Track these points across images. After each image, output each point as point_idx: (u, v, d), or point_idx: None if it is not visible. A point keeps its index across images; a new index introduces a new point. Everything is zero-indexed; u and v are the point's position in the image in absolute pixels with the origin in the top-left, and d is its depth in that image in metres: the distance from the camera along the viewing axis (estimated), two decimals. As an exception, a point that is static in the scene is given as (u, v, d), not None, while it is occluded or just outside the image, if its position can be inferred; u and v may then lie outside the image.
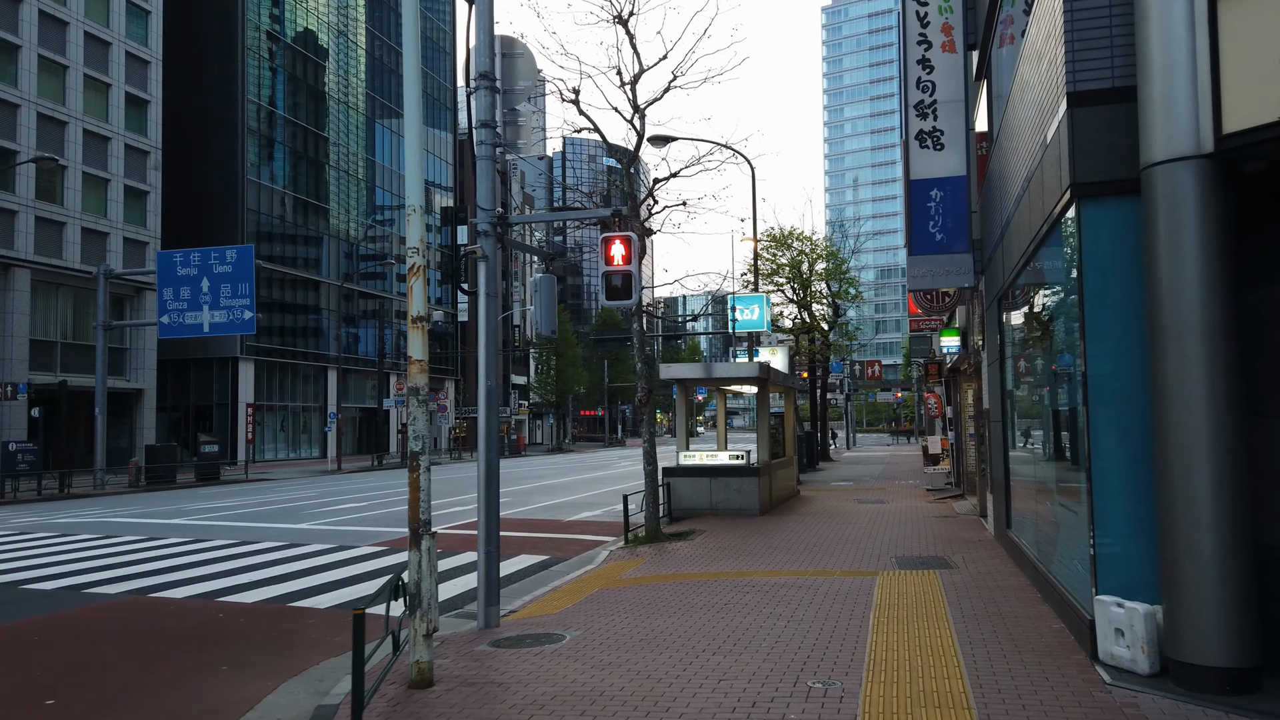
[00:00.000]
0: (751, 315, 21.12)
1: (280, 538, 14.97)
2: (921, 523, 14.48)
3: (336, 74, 54.30)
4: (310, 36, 52.01)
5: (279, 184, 47.34)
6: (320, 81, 53.29)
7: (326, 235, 52.88)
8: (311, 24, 51.96)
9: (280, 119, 47.85)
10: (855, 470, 30.68)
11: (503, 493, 23.95)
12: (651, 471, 13.37)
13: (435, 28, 65.29)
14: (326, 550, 13.49)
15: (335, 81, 54.37)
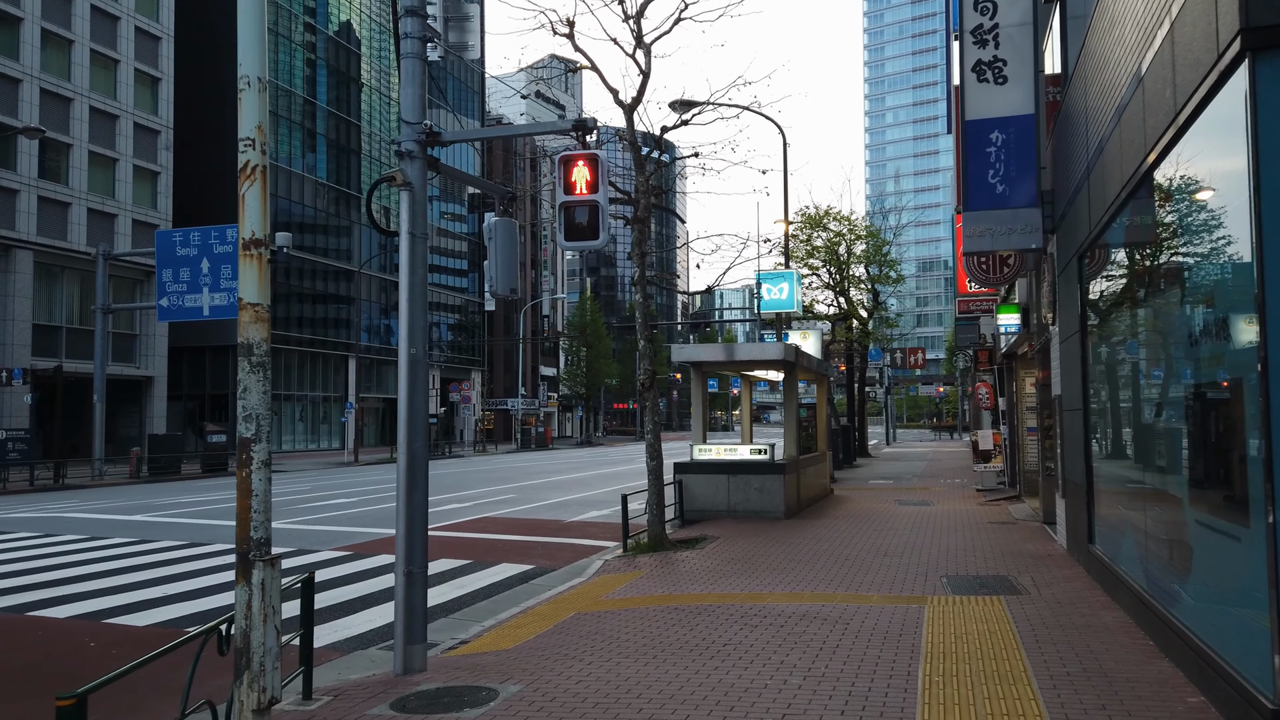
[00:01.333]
0: (780, 294, 18.99)
1: (238, 538, 13.21)
2: (974, 530, 12.34)
3: (369, 61, 52.97)
4: (338, 19, 50.73)
5: (296, 167, 45.98)
6: (348, 64, 52.06)
7: (352, 222, 51.67)
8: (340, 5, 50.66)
9: (299, 100, 46.47)
10: (895, 467, 28.41)
11: (508, 489, 22.21)
12: (655, 468, 11.38)
13: (463, 9, 63.67)
14: (280, 556, 11.68)
15: (367, 67, 53.12)
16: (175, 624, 7.92)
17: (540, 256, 73.52)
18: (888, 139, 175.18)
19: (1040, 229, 10.35)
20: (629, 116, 11.74)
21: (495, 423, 66.74)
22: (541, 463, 36.08)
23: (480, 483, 24.20)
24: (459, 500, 18.84)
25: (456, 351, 61.57)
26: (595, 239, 5.97)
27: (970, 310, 19.17)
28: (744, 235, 12.04)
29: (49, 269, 33.36)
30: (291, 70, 46.83)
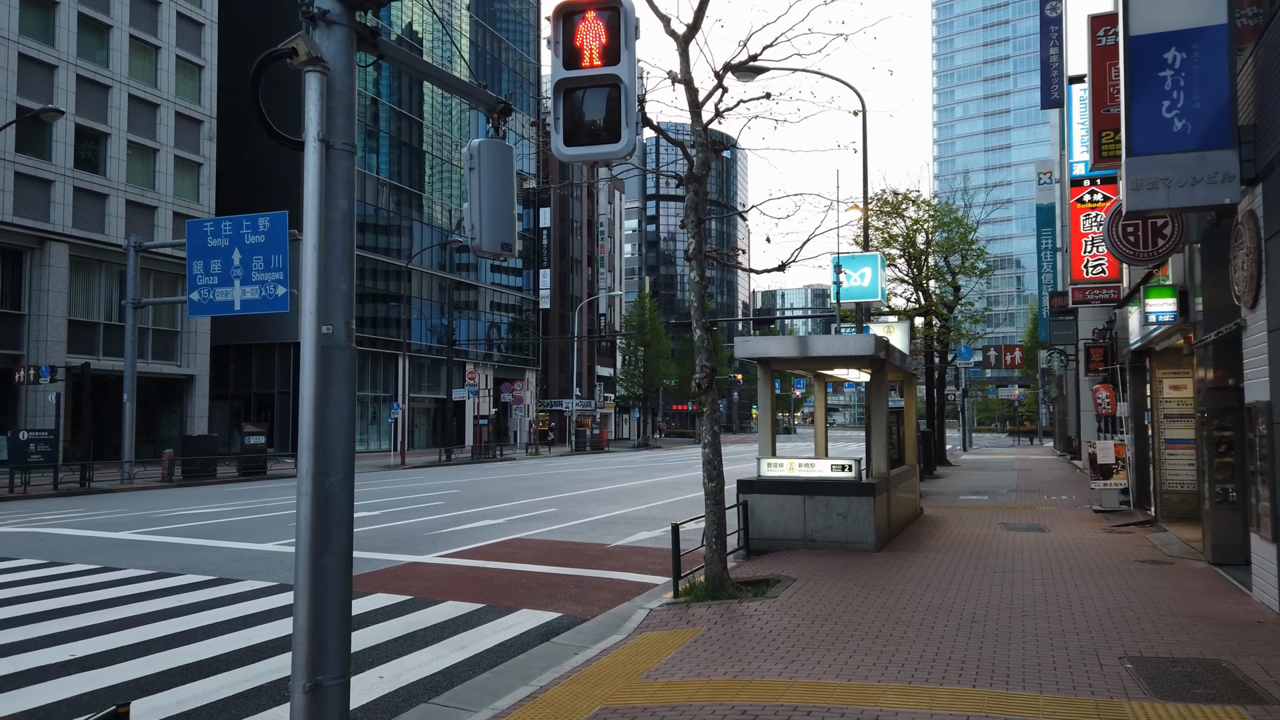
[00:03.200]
0: (861, 281, 16.36)
1: (218, 567, 11.21)
2: (1122, 572, 9.65)
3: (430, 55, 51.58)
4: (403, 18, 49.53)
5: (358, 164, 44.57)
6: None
7: (409, 219, 50.38)
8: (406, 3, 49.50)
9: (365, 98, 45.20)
10: (983, 479, 25.48)
11: (550, 500, 19.94)
12: (714, 490, 8.96)
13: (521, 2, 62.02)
14: (258, 593, 9.59)
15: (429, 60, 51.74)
16: (53, 712, 5.78)
17: (597, 253, 71.49)
18: (956, 133, 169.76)
19: (1237, 177, 7.68)
20: (683, 49, 9.34)
21: (549, 424, 64.90)
22: (593, 468, 33.87)
23: (521, 492, 22.05)
24: (492, 516, 16.65)
25: (509, 350, 59.86)
26: (615, 143, 3.61)
27: (1086, 299, 16.30)
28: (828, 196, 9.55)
29: (85, 263, 32.27)
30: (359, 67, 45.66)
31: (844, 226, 12.54)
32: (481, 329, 56.75)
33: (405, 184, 50.38)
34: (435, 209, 53.49)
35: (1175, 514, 13.67)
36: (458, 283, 55.17)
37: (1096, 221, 16.16)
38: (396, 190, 49.51)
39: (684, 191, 9.41)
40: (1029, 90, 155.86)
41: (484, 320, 57.56)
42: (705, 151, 9.40)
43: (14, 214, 29.48)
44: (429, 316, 52.36)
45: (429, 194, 52.76)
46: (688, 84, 9.34)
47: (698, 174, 9.31)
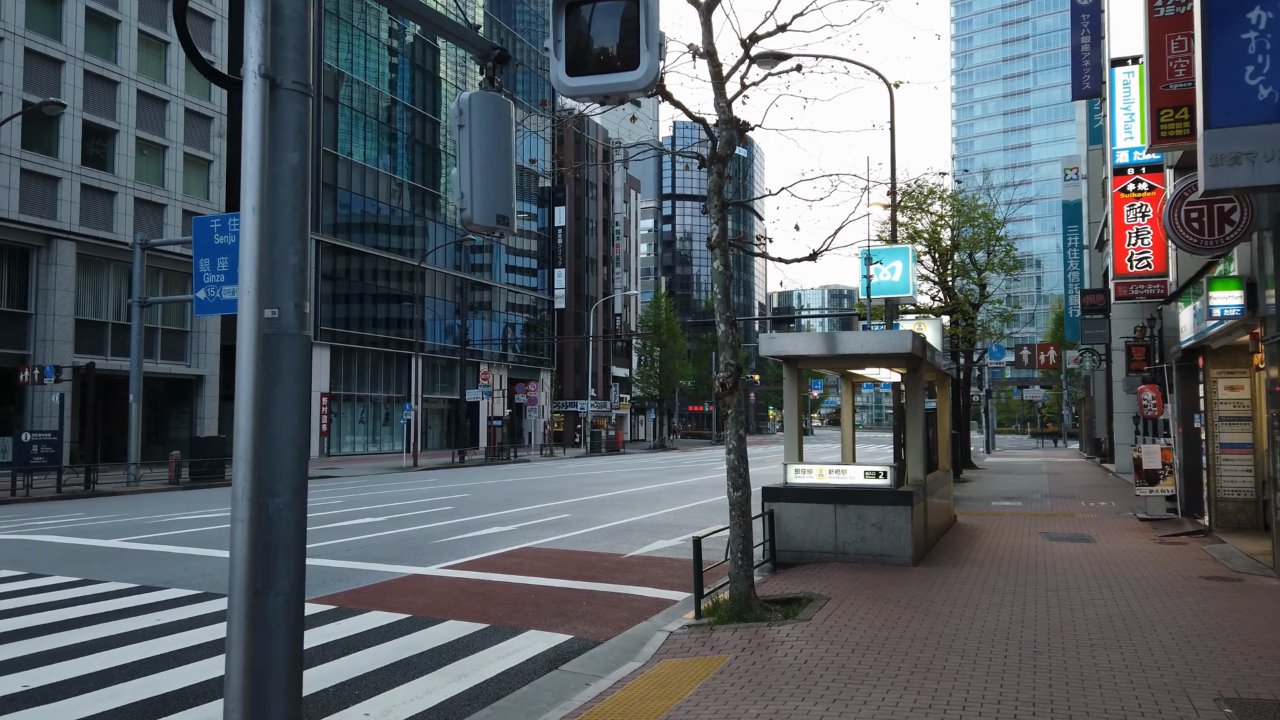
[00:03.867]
0: (892, 275, 15.50)
1: (206, 579, 10.53)
2: (1189, 591, 8.77)
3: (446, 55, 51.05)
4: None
5: (356, 157, 44.05)
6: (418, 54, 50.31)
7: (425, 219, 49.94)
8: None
9: (358, 86, 44.53)
10: (1013, 482, 24.55)
11: (564, 505, 19.16)
12: (741, 500, 8.16)
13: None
14: (242, 607, 8.84)
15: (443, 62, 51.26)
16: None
17: (613, 252, 70.75)
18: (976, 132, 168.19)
19: (1334, 148, 6.80)
20: (705, 18, 8.54)
21: (565, 425, 64.23)
22: (608, 470, 33.11)
23: (534, 496, 21.30)
24: (502, 522, 15.91)
25: (524, 350, 59.20)
26: (632, 71, 2.83)
27: (1130, 294, 15.38)
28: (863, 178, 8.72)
29: (93, 261, 31.80)
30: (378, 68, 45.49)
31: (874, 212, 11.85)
32: (496, 329, 56.14)
33: (422, 183, 50.01)
34: (451, 208, 53.09)
35: (1231, 524, 12.76)
36: (474, 283, 54.68)
37: (1141, 212, 15.25)
38: (413, 190, 49.13)
39: (706, 174, 8.62)
40: (1049, 89, 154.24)
41: (499, 320, 56.98)
42: (729, 130, 8.59)
43: (20, 211, 29.03)
44: (445, 317, 51.84)
45: (445, 193, 52.36)
46: (710, 57, 8.55)
47: (721, 154, 8.51)
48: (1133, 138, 15.30)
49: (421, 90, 50.75)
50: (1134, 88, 15.29)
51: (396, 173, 47.86)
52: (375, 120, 46.06)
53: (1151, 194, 15.14)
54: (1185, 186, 9.63)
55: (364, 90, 45.22)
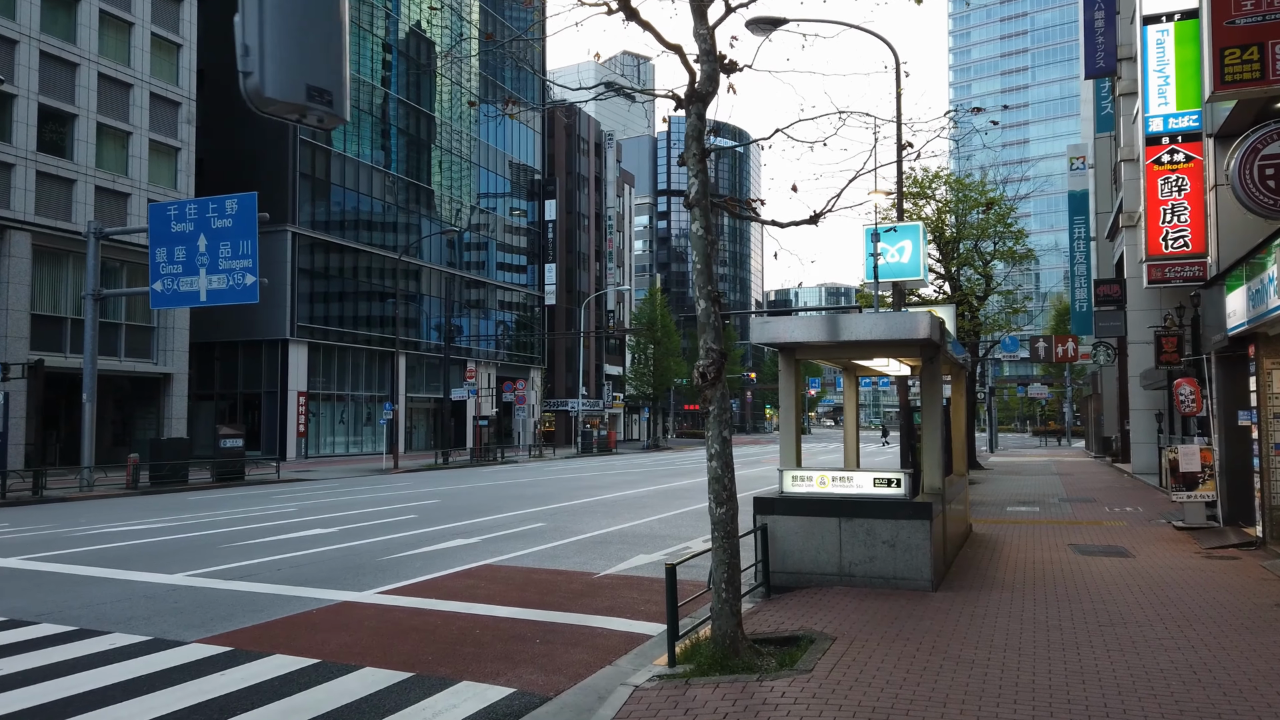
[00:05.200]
0: (900, 257, 13.91)
1: (91, 611, 8.92)
2: (1273, 626, 7.20)
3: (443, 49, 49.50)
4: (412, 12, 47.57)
5: (336, 147, 42.41)
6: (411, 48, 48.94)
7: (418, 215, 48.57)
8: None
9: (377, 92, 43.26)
10: (1024, 485, 23.01)
11: (542, 512, 17.48)
12: (725, 519, 6.58)
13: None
14: (122, 653, 7.27)
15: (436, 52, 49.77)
16: None
17: (605, 247, 69.13)
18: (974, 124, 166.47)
19: None
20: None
21: (556, 425, 62.61)
22: (596, 473, 31.52)
23: (511, 501, 19.71)
24: (468, 533, 14.31)
25: (514, 348, 57.58)
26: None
27: (1165, 278, 13.82)
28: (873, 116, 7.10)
29: (50, 253, 30.13)
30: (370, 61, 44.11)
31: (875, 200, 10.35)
32: (484, 326, 54.55)
33: (413, 178, 48.67)
34: (445, 204, 51.77)
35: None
36: (467, 280, 53.23)
37: (1177, 186, 13.69)
38: (404, 185, 47.81)
39: (683, 116, 7.03)
40: (1047, 84, 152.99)
41: (492, 318, 55.45)
42: (711, 63, 7.00)
43: (-30, 200, 27.40)
44: (438, 315, 50.58)
45: (439, 189, 51.04)
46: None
47: (701, 92, 6.92)
48: (1167, 103, 13.75)
49: (414, 86, 49.37)
50: (1169, 47, 13.74)
51: (387, 167, 46.48)
52: (363, 113, 44.62)
53: (1189, 165, 13.59)
54: (1261, 137, 8.08)
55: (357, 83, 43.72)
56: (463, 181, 53.32)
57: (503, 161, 57.21)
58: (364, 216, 45.26)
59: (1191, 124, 13.57)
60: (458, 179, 53.02)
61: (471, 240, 54.26)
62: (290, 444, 38.81)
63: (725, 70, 7.41)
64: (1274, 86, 8.00)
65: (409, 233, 48.06)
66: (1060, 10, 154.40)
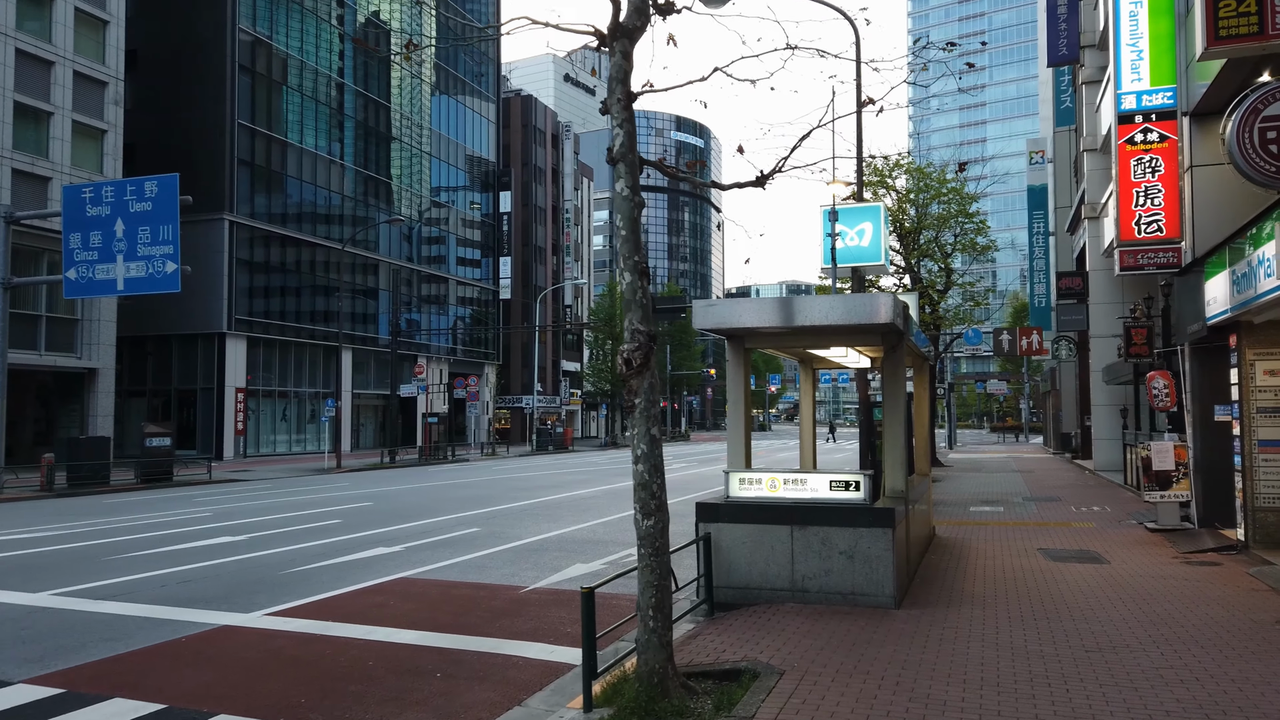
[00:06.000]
0: (860, 241, 12.95)
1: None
2: (1273, 644, 6.32)
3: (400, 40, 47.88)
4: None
5: (289, 137, 40.66)
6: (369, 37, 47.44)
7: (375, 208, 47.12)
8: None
9: (276, 51, 41.37)
10: (986, 483, 22.30)
11: (478, 516, 16.13)
12: (653, 532, 5.52)
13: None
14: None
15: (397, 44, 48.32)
16: None
17: (562, 241, 67.84)
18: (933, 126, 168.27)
19: None
20: None
21: (512, 422, 61.26)
22: (547, 472, 30.36)
23: (450, 504, 18.51)
24: (393, 540, 13.11)
25: (468, 343, 56.10)
26: None
27: (1138, 264, 13.04)
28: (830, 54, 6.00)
29: (-38, 240, 28.19)
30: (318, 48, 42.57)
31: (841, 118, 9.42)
32: (437, 321, 53.06)
33: (372, 171, 47.29)
34: (403, 197, 50.34)
35: (1274, 538, 10.43)
36: (423, 275, 51.79)
37: (1151, 167, 12.91)
38: (363, 177, 46.45)
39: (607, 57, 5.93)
40: (1004, 84, 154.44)
41: (446, 313, 53.97)
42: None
43: None
44: (402, 310, 49.28)
45: (396, 182, 49.62)
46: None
47: (628, 26, 5.85)
48: (1141, 79, 12.96)
49: (370, 76, 47.88)
50: (1143, 20, 12.96)
51: (342, 159, 45.00)
52: (314, 100, 43.13)
53: (1163, 145, 12.81)
54: (1262, 97, 7.20)
55: (303, 69, 42.09)
56: (420, 174, 51.93)
57: (458, 153, 55.70)
58: (320, 209, 43.75)
59: (1166, 101, 12.81)
60: (416, 171, 51.65)
61: (427, 234, 52.77)
62: (228, 443, 37.09)
63: (660, 11, 6.34)
64: (1273, 42, 7.15)
65: (366, 226, 46.64)
66: (1017, 11, 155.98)
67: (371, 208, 47.08)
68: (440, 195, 54.22)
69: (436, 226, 53.88)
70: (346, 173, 45.66)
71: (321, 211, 44.01)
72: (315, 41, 43.29)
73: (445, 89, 54.81)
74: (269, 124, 39.82)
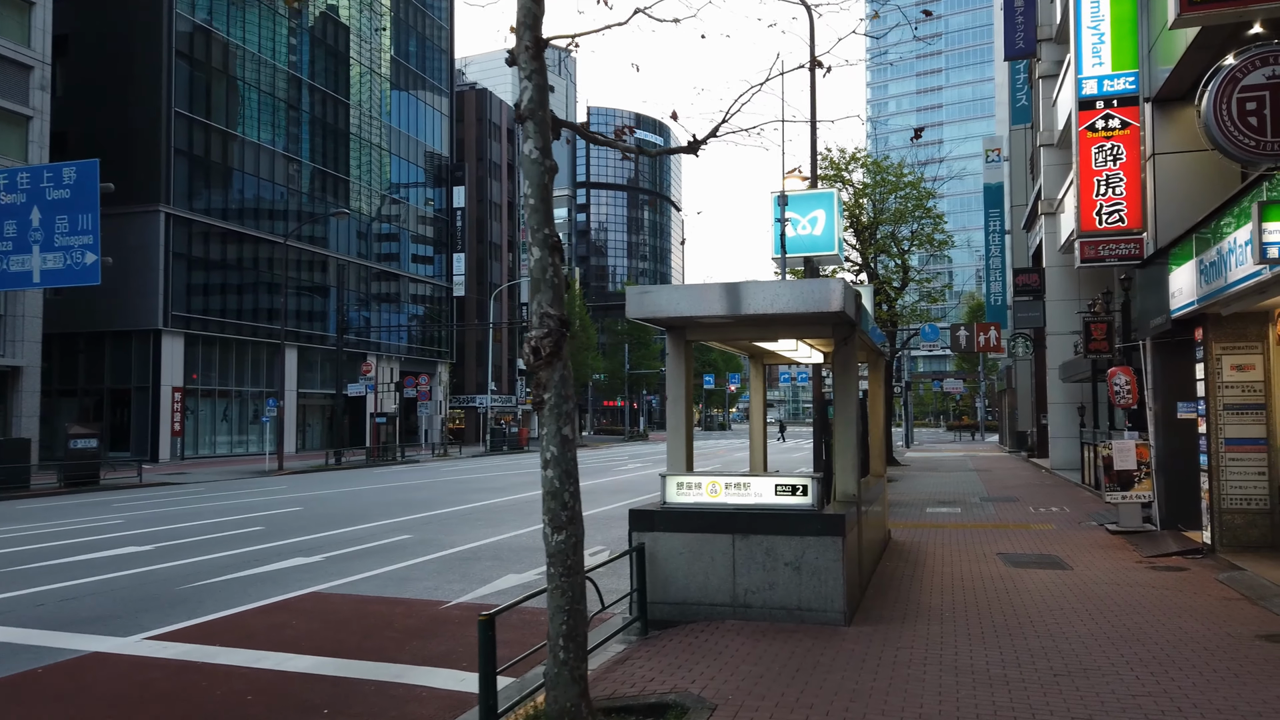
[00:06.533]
0: (812, 229, 12.29)
1: None
2: (1267, 669, 5.73)
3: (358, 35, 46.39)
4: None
5: (224, 122, 39.17)
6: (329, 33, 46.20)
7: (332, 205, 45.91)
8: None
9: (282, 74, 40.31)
10: (943, 483, 21.87)
11: (412, 522, 14.55)
12: (566, 549, 4.75)
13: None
14: None
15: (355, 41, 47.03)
16: None
17: (519, 237, 66.73)
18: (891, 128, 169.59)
19: None
20: None
21: (466, 422, 60.09)
22: (498, 472, 29.45)
23: (386, 509, 17.56)
24: (315, 549, 12.19)
25: (420, 341, 54.83)
26: None
27: (1099, 256, 12.56)
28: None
29: None
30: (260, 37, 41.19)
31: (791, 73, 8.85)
32: (388, 318, 51.76)
33: (330, 167, 46.04)
34: (361, 194, 49.13)
35: (1241, 541, 9.95)
36: (376, 272, 50.56)
37: (1113, 155, 12.43)
38: (319, 173, 45.18)
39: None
40: (960, 86, 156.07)
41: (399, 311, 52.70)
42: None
43: None
44: (348, 307, 48.02)
45: (354, 179, 48.42)
46: None
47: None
48: (1102, 63, 12.48)
49: (329, 72, 46.62)
50: (1104, 2, 12.46)
51: (297, 154, 43.75)
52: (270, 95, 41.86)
53: (1125, 132, 12.34)
54: (1242, 64, 6.62)
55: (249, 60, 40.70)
56: (375, 169, 50.74)
57: (415, 148, 54.45)
58: (277, 205, 42.48)
59: (1128, 86, 12.34)
60: (375, 168, 50.50)
61: (382, 231, 51.51)
62: (164, 444, 35.59)
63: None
64: (1250, 8, 6.60)
65: (322, 223, 45.36)
66: (973, 14, 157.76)
67: (331, 205, 45.84)
68: (398, 192, 52.96)
69: (391, 223, 52.62)
70: (304, 169, 44.42)
71: (280, 207, 42.72)
72: (259, 32, 41.86)
73: (401, 84, 53.54)
74: (208, 113, 38.31)
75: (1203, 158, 11.89)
